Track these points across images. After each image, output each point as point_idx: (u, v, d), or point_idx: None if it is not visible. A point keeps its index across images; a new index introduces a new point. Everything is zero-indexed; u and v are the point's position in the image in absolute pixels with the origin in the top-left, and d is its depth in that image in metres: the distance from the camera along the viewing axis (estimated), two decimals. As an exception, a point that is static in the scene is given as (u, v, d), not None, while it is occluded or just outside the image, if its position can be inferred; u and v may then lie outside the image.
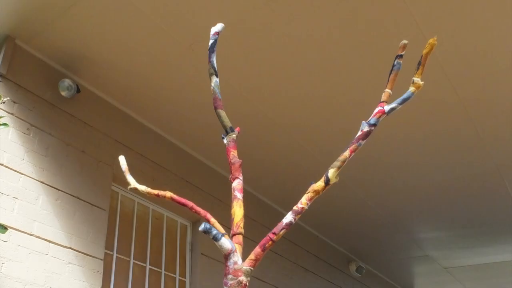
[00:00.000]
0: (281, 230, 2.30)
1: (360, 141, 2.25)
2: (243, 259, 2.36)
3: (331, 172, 2.24)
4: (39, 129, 5.14)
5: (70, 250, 5.07)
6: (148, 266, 6.21)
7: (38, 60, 5.32)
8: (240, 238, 2.47)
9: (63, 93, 5.36)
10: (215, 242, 2.23)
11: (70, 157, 5.39)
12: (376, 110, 2.30)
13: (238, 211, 2.49)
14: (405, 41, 2.37)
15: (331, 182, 2.25)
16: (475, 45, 5.26)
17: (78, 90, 5.52)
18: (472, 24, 5.05)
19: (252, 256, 2.33)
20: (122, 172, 2.78)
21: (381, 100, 2.32)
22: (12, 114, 4.91)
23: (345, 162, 2.22)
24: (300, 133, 6.75)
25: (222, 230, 2.40)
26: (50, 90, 5.36)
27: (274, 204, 8.65)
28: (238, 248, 2.43)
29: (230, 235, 2.47)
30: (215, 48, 2.69)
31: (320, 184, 2.27)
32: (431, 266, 11.71)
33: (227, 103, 2.71)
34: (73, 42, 5.24)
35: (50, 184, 5.08)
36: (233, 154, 2.61)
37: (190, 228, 6.99)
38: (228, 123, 2.61)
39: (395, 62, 2.36)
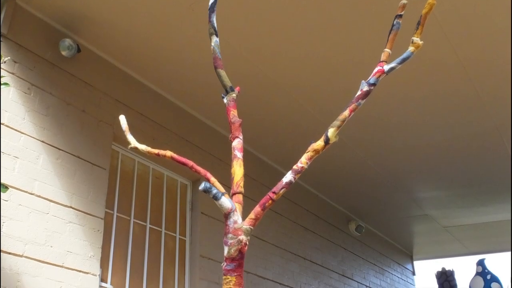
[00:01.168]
0: (281, 189, 2.32)
1: (359, 101, 2.26)
2: (243, 218, 2.38)
3: (330, 132, 2.24)
4: (39, 88, 5.14)
5: (71, 209, 5.10)
6: (148, 225, 6.25)
7: (38, 19, 5.30)
8: (240, 197, 2.49)
9: (63, 53, 5.35)
10: (215, 201, 2.25)
11: (70, 117, 5.40)
12: (376, 69, 2.30)
13: (238, 170, 2.50)
14: (404, 1, 2.36)
15: (330, 142, 2.26)
16: (474, 5, 5.23)
17: (79, 50, 5.51)
18: (472, -16, 5.02)
19: (252, 215, 2.35)
20: (122, 132, 2.79)
21: (381, 60, 2.32)
22: (12, 73, 4.91)
23: (345, 122, 2.23)
24: (300, 92, 6.75)
25: (222, 189, 2.41)
26: (51, 49, 5.35)
27: (274, 163, 8.68)
28: (238, 207, 2.45)
29: (230, 194, 2.49)
30: (215, 8, 2.69)
31: (319, 143, 2.28)
32: (430, 225, 11.77)
33: (227, 63, 2.71)
34: (74, 1, 5.21)
35: (51, 144, 5.09)
36: (233, 113, 2.62)
37: (190, 187, 7.02)
38: (228, 83, 2.62)
39: (395, 22, 2.36)
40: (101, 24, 5.54)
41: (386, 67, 2.28)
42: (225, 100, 2.64)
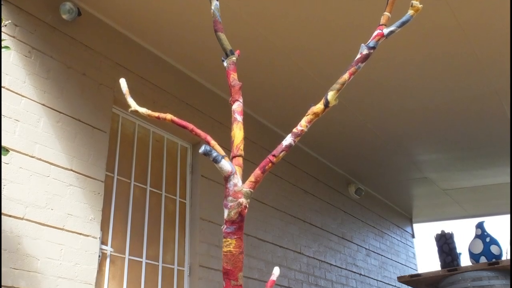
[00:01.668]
0: (281, 152, 2.33)
1: (359, 64, 2.26)
2: (243, 181, 2.40)
3: (330, 95, 2.25)
4: (40, 52, 5.13)
5: (71, 172, 5.12)
6: (148, 188, 6.27)
7: (37, -18, 5.28)
8: (240, 160, 2.50)
9: (64, 16, 5.34)
10: (215, 164, 2.26)
11: (71, 80, 5.40)
12: (375, 33, 2.30)
13: (238, 133, 2.51)
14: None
15: (330, 105, 2.27)
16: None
17: (79, 13, 5.49)
18: None
19: (252, 178, 2.36)
20: (122, 95, 2.80)
21: (380, 23, 2.32)
22: (13, 37, 4.90)
23: (344, 85, 2.24)
24: (300, 56, 6.74)
25: (222, 152, 2.42)
26: (51, 13, 5.33)
27: (274, 127, 8.68)
28: (238, 170, 2.46)
29: (230, 157, 2.50)
30: (215, -29, 2.68)
31: (319, 106, 2.29)
32: (429, 188, 11.80)
33: (227, 26, 2.71)
34: (72, -37, 5.19)
35: (51, 107, 5.10)
36: (233, 76, 2.62)
37: (191, 150, 7.04)
38: (228, 46, 2.62)
39: (395, -15, 2.35)
40: (100, -13, 5.52)
41: (386, 31, 2.28)
42: (225, 64, 2.64)
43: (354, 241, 10.46)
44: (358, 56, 2.27)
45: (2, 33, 4.67)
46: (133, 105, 2.76)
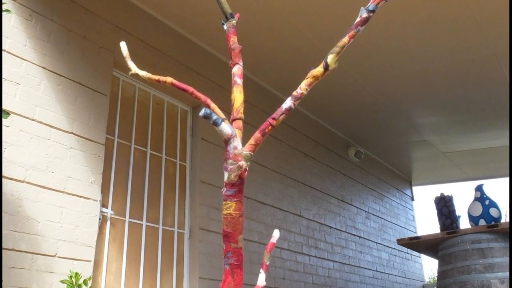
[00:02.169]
0: (281, 115, 2.34)
1: (358, 27, 2.26)
2: (243, 144, 2.41)
3: (330, 58, 2.25)
4: (41, 15, 5.12)
5: (72, 135, 5.13)
6: (148, 151, 6.29)
7: None
8: (240, 123, 2.51)
9: (63, -21, 5.32)
10: (215, 127, 2.27)
11: (71, 43, 5.39)
12: (375, -4, 2.30)
13: (238, 96, 2.52)
14: None
15: (330, 68, 2.27)
16: None
17: (79, -24, 5.48)
18: None
19: (252, 141, 2.37)
20: (123, 58, 2.80)
21: (381, -14, 2.31)
22: (14, 0, 4.88)
23: (344, 48, 2.24)
24: (299, 19, 6.71)
25: (222, 115, 2.43)
26: (50, -25, 5.32)
27: (274, 90, 8.68)
28: (238, 133, 2.47)
29: (230, 120, 2.51)
30: None
31: (319, 69, 2.29)
32: (429, 151, 11.81)
33: (227, -11, 2.70)
34: None
35: (52, 70, 5.10)
36: (233, 40, 2.62)
37: (191, 113, 7.04)
38: (228, 9, 2.61)
39: None
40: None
41: (386, -6, 2.28)
42: (225, 27, 2.64)
43: (354, 203, 10.50)
44: (358, 19, 2.27)
45: (2, -4, 4.66)
46: (134, 68, 2.76)
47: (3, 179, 4.40)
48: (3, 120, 4.41)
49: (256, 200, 7.53)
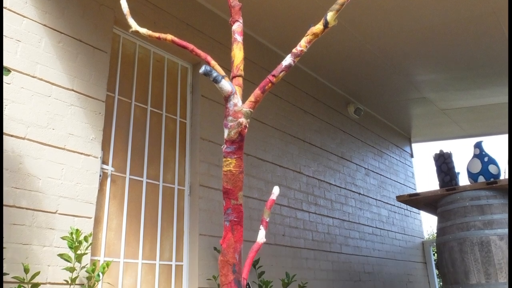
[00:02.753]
0: (281, 72, 2.35)
1: (359, -15, 2.26)
2: (243, 101, 2.42)
3: (330, 15, 2.26)
4: (38, -29, 5.10)
5: (72, 92, 5.14)
6: (149, 108, 6.29)
7: None
8: (240, 80, 2.52)
9: None
10: (215, 84, 2.28)
11: (72, 0, 5.37)
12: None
13: (238, 53, 2.53)
14: None
15: (329, 25, 2.28)
16: None
17: None
18: None
19: (252, 98, 2.39)
20: (123, 15, 2.80)
21: None
22: (10, -44, 4.86)
23: (344, 6, 2.24)
24: (300, -25, 6.68)
25: (222, 72, 2.44)
26: None
27: (274, 47, 8.66)
28: (238, 90, 2.48)
29: (230, 77, 2.52)
30: None
31: (319, 27, 2.30)
32: (428, 108, 11.80)
33: None
34: None
35: (53, 27, 5.09)
36: (233, -3, 2.62)
37: (191, 70, 7.03)
38: (228, -34, 2.60)
39: None
40: None
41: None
42: (225, -16, 2.64)
43: (353, 160, 10.53)
44: (358, -24, 2.27)
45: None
46: (134, 25, 2.77)
47: (4, 135, 4.42)
48: (4, 77, 4.42)
49: (256, 157, 7.55)
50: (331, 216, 9.12)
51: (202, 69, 2.18)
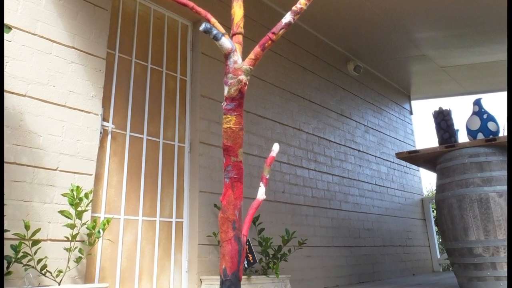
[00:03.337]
0: (280, 30, 2.36)
1: None
2: (243, 58, 2.43)
3: (329, -27, 2.26)
4: None
5: (73, 49, 5.14)
6: (149, 65, 6.29)
7: None
8: (240, 37, 2.53)
9: None
10: (215, 41, 2.29)
11: (69, -43, 5.35)
12: None
13: (238, 11, 2.53)
14: None
15: (329, -17, 2.28)
16: None
17: None
18: None
19: (251, 55, 2.40)
20: (123, -27, 2.80)
21: None
22: None
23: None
24: None
25: (222, 30, 2.45)
26: None
27: (274, 5, 8.62)
28: (238, 48, 2.49)
29: (230, 35, 2.53)
30: None
31: (318, -15, 2.30)
32: (427, 65, 11.78)
33: None
34: None
35: (51, -16, 5.08)
36: (233, -46, 2.62)
37: (191, 28, 7.02)
38: None
39: None
40: None
41: None
42: None
43: (353, 117, 10.54)
44: None
45: None
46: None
47: (4, 93, 4.43)
48: (5, 34, 4.42)
49: (256, 114, 7.57)
50: (331, 173, 9.17)
51: (202, 27, 2.19)
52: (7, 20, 4.52)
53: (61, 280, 4.32)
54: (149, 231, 5.77)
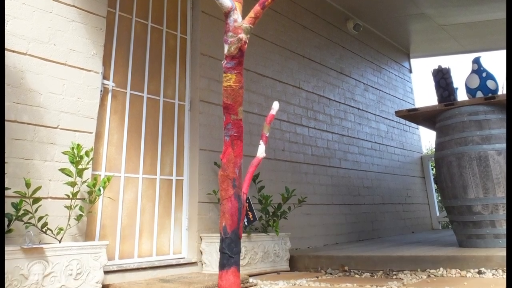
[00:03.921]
0: (280, -12, 2.36)
1: None
2: (243, 17, 2.44)
3: None
4: None
5: (74, 8, 5.13)
6: (149, 24, 6.28)
7: None
8: (240, -4, 2.53)
9: None
10: (215, 0, 2.29)
11: None
12: None
13: (237, -30, 2.53)
14: None
15: None
16: None
17: None
18: None
19: (251, 13, 2.41)
20: None
21: None
22: None
23: None
24: None
25: (223, -11, 2.45)
26: None
27: (274, -39, 8.56)
28: (238, 6, 2.50)
29: (230, -7, 2.53)
30: None
31: None
32: (426, 23, 11.73)
33: None
34: None
35: None
36: None
37: (190, -15, 6.99)
38: None
39: None
40: None
41: None
42: None
43: (353, 76, 10.54)
44: None
45: None
46: None
47: (5, 51, 4.43)
48: (3, -8, 4.41)
49: (255, 72, 7.57)
50: (331, 131, 9.20)
51: (202, -15, 2.19)
52: (6, -22, 4.52)
53: (61, 237, 4.36)
54: (149, 189, 5.81)
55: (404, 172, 11.65)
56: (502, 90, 6.58)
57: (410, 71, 13.97)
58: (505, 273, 4.71)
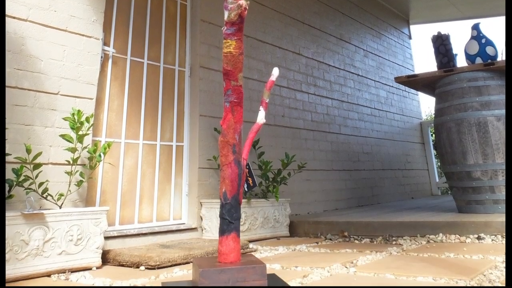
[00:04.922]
0: (280, -45, 2.37)
1: None
2: (243, -17, 2.45)
3: None
4: None
5: (72, -27, 5.14)
6: (149, -10, 6.28)
7: None
8: (240, -37, 2.54)
9: None
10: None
11: None
12: None
13: None
14: None
15: None
16: None
17: None
18: None
19: (251, -20, 2.42)
20: None
21: None
22: None
23: None
24: None
25: (223, -45, 2.46)
26: None
27: None
28: (238, -27, 2.51)
29: (230, -40, 2.54)
30: None
31: None
32: (426, -11, 11.73)
33: None
34: None
35: None
36: None
37: (189, -49, 6.96)
38: None
39: None
40: None
41: None
42: None
43: (352, 42, 10.53)
44: None
45: None
46: None
47: (6, 18, 4.44)
48: (2, -42, 4.40)
49: (255, 39, 7.57)
50: (330, 97, 9.21)
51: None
52: None
53: (62, 203, 4.39)
54: (149, 154, 5.84)
55: (403, 138, 11.68)
56: (502, 56, 6.58)
57: (410, 38, 13.95)
58: (504, 239, 4.75)
